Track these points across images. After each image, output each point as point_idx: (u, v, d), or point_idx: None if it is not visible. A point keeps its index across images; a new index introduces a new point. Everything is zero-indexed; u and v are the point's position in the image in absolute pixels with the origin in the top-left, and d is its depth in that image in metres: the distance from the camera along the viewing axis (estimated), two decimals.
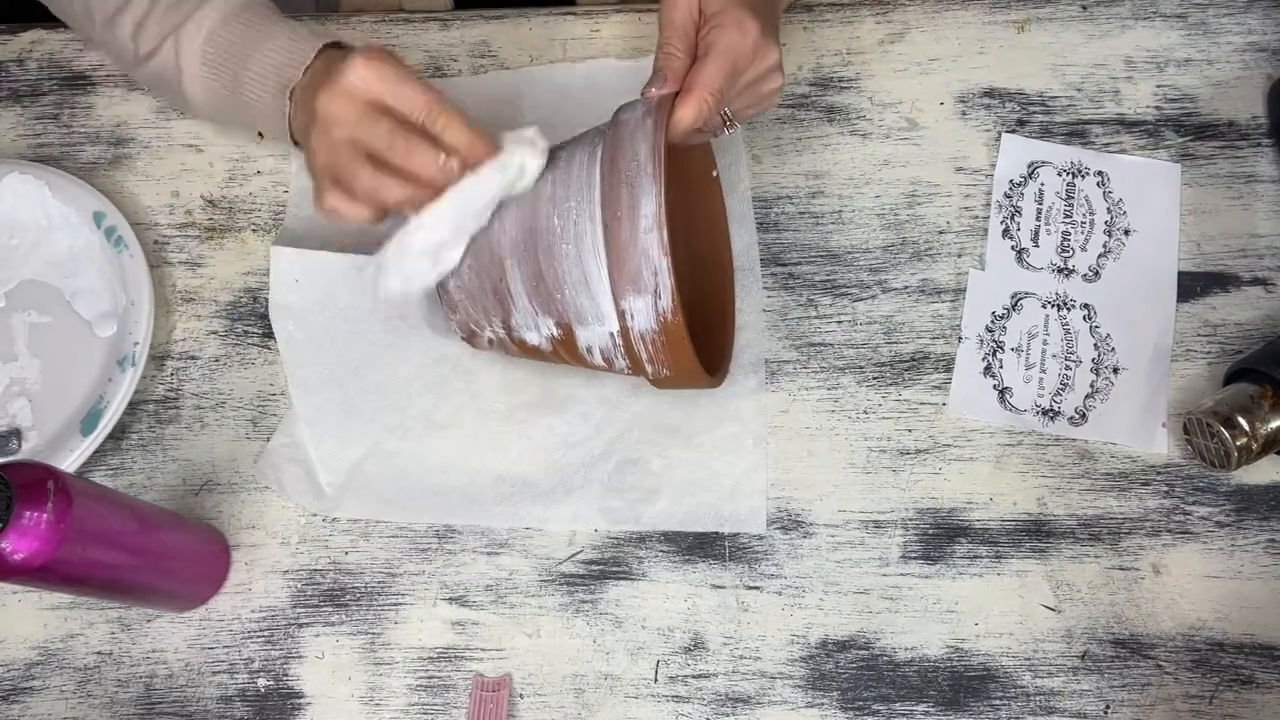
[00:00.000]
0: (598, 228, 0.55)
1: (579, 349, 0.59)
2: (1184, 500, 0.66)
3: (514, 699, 0.64)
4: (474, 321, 0.62)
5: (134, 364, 0.67)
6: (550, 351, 0.61)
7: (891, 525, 0.66)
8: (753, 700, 0.63)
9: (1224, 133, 0.73)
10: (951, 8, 0.76)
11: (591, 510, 0.66)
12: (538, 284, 0.58)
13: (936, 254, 0.71)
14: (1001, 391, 0.69)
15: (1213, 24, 0.75)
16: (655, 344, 0.56)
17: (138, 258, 0.70)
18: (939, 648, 0.64)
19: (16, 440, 0.68)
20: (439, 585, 0.66)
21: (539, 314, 0.59)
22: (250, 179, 0.74)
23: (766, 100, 0.62)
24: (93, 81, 0.76)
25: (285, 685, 0.64)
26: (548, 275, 0.57)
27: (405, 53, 0.76)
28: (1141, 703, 0.63)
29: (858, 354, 0.70)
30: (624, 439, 0.67)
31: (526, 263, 0.58)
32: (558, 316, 0.58)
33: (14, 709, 0.64)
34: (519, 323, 0.60)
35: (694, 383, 0.61)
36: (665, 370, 0.58)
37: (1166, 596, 0.65)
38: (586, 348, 0.59)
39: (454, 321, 0.63)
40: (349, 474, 0.67)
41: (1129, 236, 0.71)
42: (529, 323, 0.59)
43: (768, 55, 0.59)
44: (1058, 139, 0.73)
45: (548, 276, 0.57)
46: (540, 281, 0.57)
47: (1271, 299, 0.70)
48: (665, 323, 0.55)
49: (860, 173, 0.73)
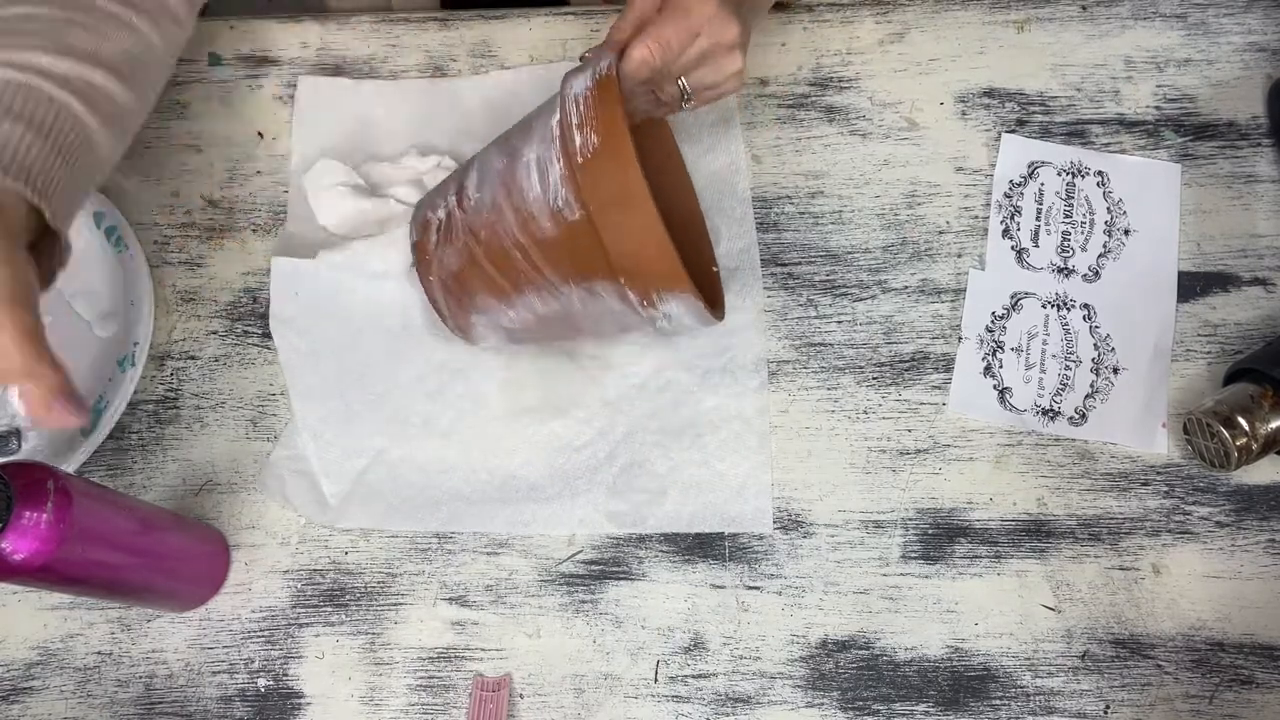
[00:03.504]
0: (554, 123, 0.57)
1: (518, 174, 0.58)
2: (1184, 500, 0.66)
3: (514, 699, 0.64)
4: (429, 207, 0.63)
5: (134, 364, 0.67)
6: (491, 204, 0.59)
7: (891, 525, 0.66)
8: (753, 700, 0.63)
9: (1224, 133, 0.73)
10: (951, 8, 0.76)
11: (598, 514, 0.66)
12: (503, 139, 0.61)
13: (936, 254, 0.71)
14: (1001, 391, 0.69)
15: (1213, 24, 0.75)
16: (586, 103, 0.55)
17: (138, 258, 0.70)
18: (939, 648, 0.64)
19: (16, 440, 0.68)
20: (439, 585, 0.66)
21: (490, 155, 0.60)
22: (250, 179, 0.74)
23: (726, 81, 0.62)
24: None
25: (285, 685, 0.64)
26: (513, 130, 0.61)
27: (405, 53, 0.77)
28: (1141, 703, 0.63)
29: (858, 354, 0.70)
30: (628, 441, 0.67)
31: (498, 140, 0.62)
32: (507, 146, 0.59)
33: (14, 709, 0.64)
34: (471, 182, 0.61)
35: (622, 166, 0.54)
36: (593, 136, 0.55)
37: (1166, 596, 0.65)
38: (526, 163, 0.57)
39: (414, 222, 0.64)
40: (353, 483, 0.67)
41: (1129, 236, 0.71)
42: (480, 172, 0.60)
43: (726, 26, 0.59)
44: (1058, 139, 0.73)
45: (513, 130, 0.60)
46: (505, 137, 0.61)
47: (1271, 299, 0.70)
48: (599, 79, 0.56)
49: (860, 173, 0.73)
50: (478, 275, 0.61)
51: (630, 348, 0.69)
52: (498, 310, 0.62)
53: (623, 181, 0.54)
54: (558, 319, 0.61)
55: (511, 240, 0.58)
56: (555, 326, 0.63)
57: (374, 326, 0.69)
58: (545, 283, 0.59)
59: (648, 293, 0.57)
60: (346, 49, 0.77)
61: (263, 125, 0.75)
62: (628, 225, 0.55)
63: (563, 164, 0.56)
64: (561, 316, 0.61)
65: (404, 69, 0.76)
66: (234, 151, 0.75)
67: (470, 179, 0.61)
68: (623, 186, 0.54)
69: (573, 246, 0.57)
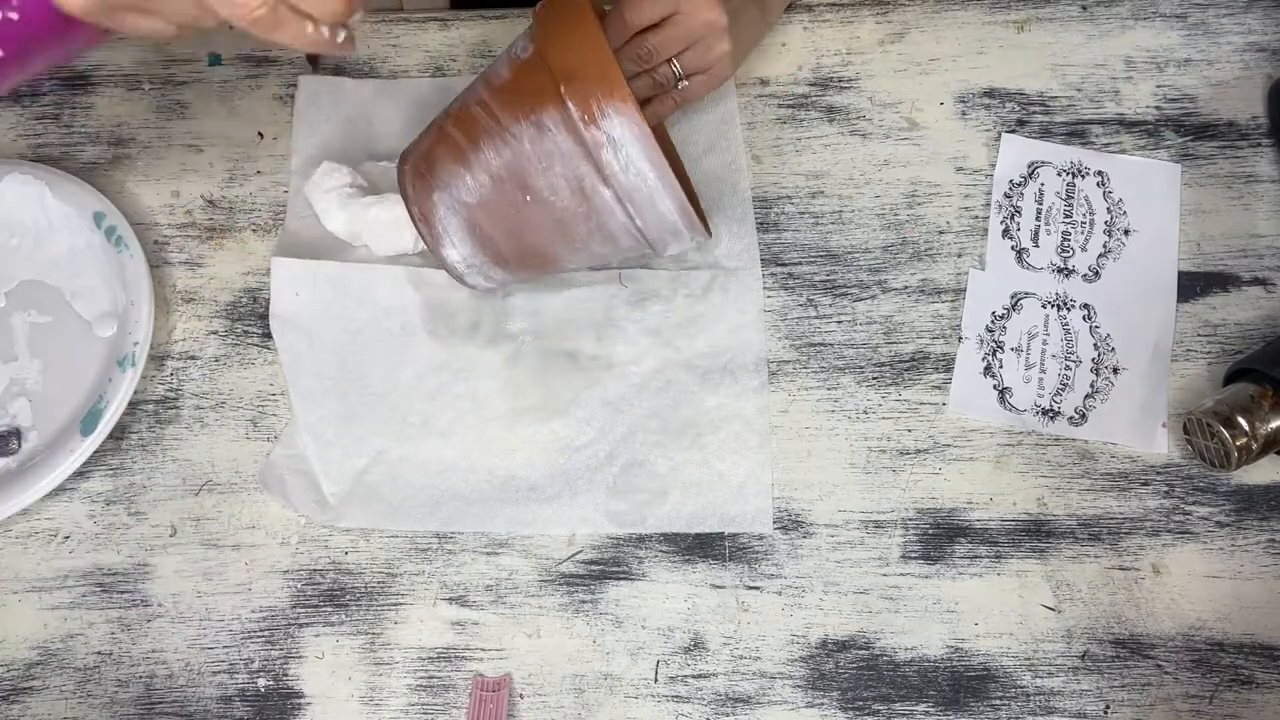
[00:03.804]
0: None
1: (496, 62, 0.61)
2: (1184, 500, 0.66)
3: (514, 699, 0.64)
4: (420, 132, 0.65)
5: (134, 364, 0.67)
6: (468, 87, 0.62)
7: (891, 525, 0.66)
8: (753, 700, 0.63)
9: (1224, 133, 0.73)
10: (951, 8, 0.76)
11: (598, 514, 0.66)
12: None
13: (936, 254, 0.71)
14: (1001, 391, 0.69)
15: (1213, 24, 0.75)
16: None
17: (138, 258, 0.70)
18: (939, 648, 0.64)
19: (16, 440, 0.68)
20: (439, 585, 0.66)
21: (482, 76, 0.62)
22: (250, 179, 0.74)
23: (714, 67, 0.65)
24: (93, 81, 0.76)
25: (285, 685, 0.64)
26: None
27: (405, 53, 0.77)
28: (1141, 703, 0.63)
29: (857, 354, 0.70)
30: (628, 441, 0.67)
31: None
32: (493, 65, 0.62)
33: (14, 709, 0.64)
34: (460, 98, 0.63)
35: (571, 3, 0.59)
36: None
37: (1166, 596, 0.65)
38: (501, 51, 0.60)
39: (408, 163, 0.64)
40: (353, 483, 0.67)
41: (1129, 236, 0.71)
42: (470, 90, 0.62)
43: (710, 8, 0.62)
44: (1058, 139, 0.73)
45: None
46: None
47: (1271, 299, 0.70)
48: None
49: (860, 173, 0.73)
50: (443, 144, 0.62)
51: (631, 347, 0.69)
52: (457, 179, 0.61)
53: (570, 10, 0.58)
54: (513, 179, 0.60)
55: (475, 99, 0.61)
56: (511, 192, 0.61)
57: (374, 327, 0.69)
58: (498, 128, 0.60)
59: (588, 104, 0.57)
60: None
61: (263, 125, 0.75)
62: (570, 38, 0.58)
63: (528, 28, 0.60)
64: (516, 174, 0.60)
65: (404, 69, 0.76)
66: (234, 151, 0.75)
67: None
68: (570, 13, 0.58)
69: (524, 82, 0.59)
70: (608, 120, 0.57)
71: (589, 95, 0.57)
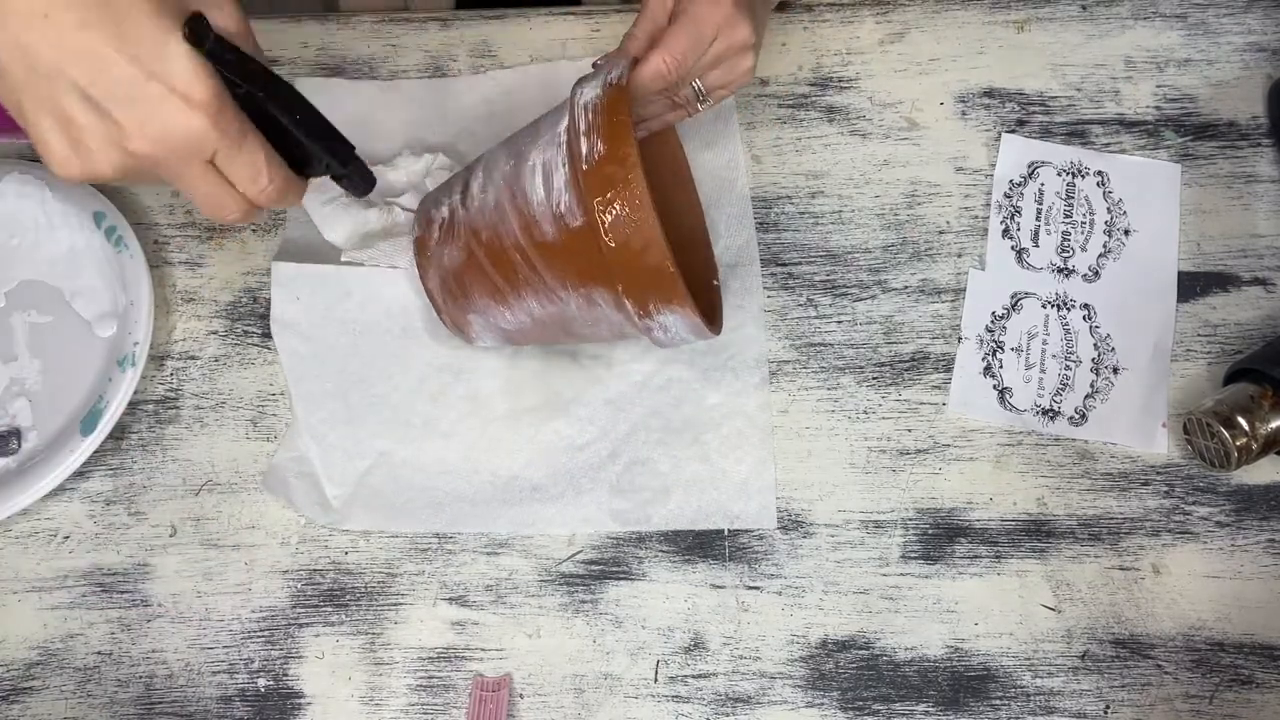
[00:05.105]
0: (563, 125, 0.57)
1: (523, 178, 0.57)
2: (1184, 500, 0.66)
3: (514, 699, 0.64)
4: (433, 204, 0.63)
5: (134, 364, 0.67)
6: (494, 205, 0.59)
7: (891, 525, 0.66)
8: (753, 700, 0.63)
9: (1224, 133, 0.73)
10: (951, 8, 0.76)
11: (601, 513, 0.66)
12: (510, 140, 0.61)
13: (936, 254, 0.71)
14: (1001, 391, 0.69)
15: (1213, 24, 0.75)
16: (595, 110, 0.55)
17: (138, 258, 0.70)
18: (939, 648, 0.64)
19: (16, 440, 0.68)
20: (439, 585, 0.66)
21: (497, 156, 0.60)
22: None
23: (739, 80, 0.63)
24: None
25: (285, 685, 0.64)
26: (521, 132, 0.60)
27: (405, 53, 0.77)
28: (1141, 703, 0.63)
29: (857, 354, 0.70)
30: (631, 440, 0.67)
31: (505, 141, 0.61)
32: (513, 148, 0.59)
33: (14, 709, 0.64)
34: (476, 181, 0.60)
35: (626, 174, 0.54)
36: (599, 144, 0.54)
37: (1166, 596, 0.65)
38: (531, 166, 0.57)
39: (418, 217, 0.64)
40: (356, 486, 0.67)
41: (1129, 236, 0.71)
42: (485, 172, 0.60)
43: (738, 28, 0.60)
44: (1058, 139, 0.73)
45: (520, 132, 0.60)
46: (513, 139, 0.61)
47: (1271, 299, 0.70)
48: (610, 86, 0.55)
49: (860, 173, 0.73)
50: (477, 275, 0.60)
51: (632, 346, 0.69)
52: (495, 311, 0.62)
53: (627, 190, 0.54)
54: (555, 323, 0.61)
55: (513, 242, 0.58)
56: (552, 330, 0.62)
57: (375, 330, 0.69)
58: (544, 286, 0.59)
59: (645, 304, 0.57)
60: (347, 49, 0.77)
61: None
62: (629, 235, 0.55)
63: (568, 169, 0.56)
64: (559, 321, 0.61)
65: (404, 69, 0.76)
66: None
67: (475, 179, 0.61)
68: (626, 196, 0.54)
69: (573, 252, 0.57)
70: (662, 315, 0.58)
71: (648, 299, 0.57)
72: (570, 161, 0.55)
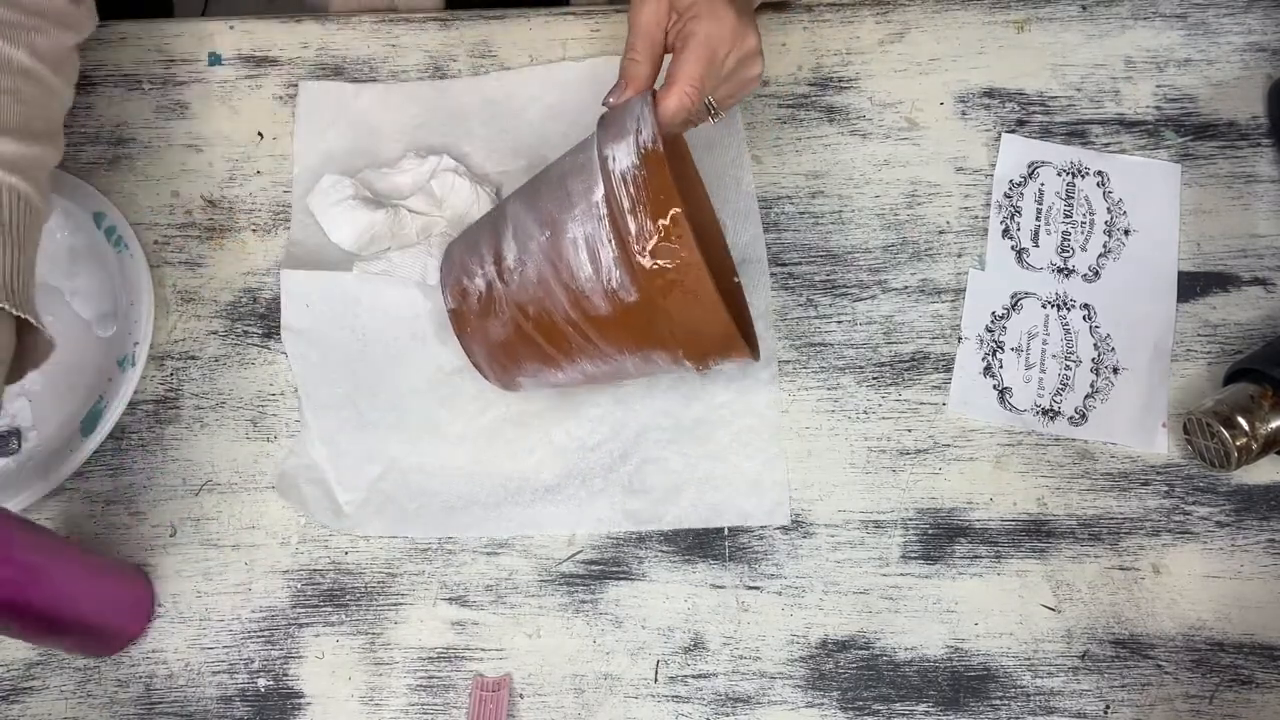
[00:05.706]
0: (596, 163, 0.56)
1: (565, 252, 0.56)
2: (1184, 500, 0.66)
3: (514, 699, 0.64)
4: (463, 271, 0.61)
5: (134, 364, 0.67)
6: (537, 280, 0.58)
7: (891, 525, 0.66)
8: (753, 700, 0.63)
9: (1224, 133, 0.73)
10: (951, 8, 0.76)
11: (615, 513, 0.66)
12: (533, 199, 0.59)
13: (936, 254, 0.71)
14: (1001, 391, 0.69)
15: (1213, 24, 0.75)
16: (636, 182, 0.54)
17: (138, 258, 0.70)
18: (939, 648, 0.64)
19: (16, 440, 0.68)
20: (439, 585, 0.66)
21: (529, 223, 0.58)
22: (250, 179, 0.74)
23: (748, 86, 0.63)
24: (93, 81, 0.76)
25: (285, 685, 0.64)
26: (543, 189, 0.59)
27: (405, 53, 0.77)
28: (1141, 703, 0.63)
29: (858, 354, 0.70)
30: (642, 439, 0.67)
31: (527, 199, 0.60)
32: (543, 213, 0.58)
33: (14, 709, 0.64)
34: (508, 250, 0.59)
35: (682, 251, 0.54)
36: (648, 223, 0.54)
37: (1166, 596, 0.65)
38: (572, 240, 0.56)
39: (446, 285, 0.62)
40: (368, 491, 0.67)
41: (1129, 236, 0.71)
42: (518, 241, 0.58)
43: (746, 39, 0.60)
44: (1058, 139, 0.73)
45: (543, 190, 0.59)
46: (536, 197, 0.59)
47: (1271, 299, 0.70)
48: (646, 154, 0.54)
49: (860, 173, 0.73)
50: (528, 346, 0.60)
51: None
52: (547, 374, 0.62)
53: (685, 269, 0.54)
54: (608, 376, 0.62)
55: (563, 316, 0.58)
56: (604, 380, 0.63)
57: (385, 336, 0.69)
58: (599, 352, 0.59)
59: (704, 360, 0.59)
60: (347, 49, 0.77)
61: (263, 125, 0.75)
62: (687, 307, 0.55)
63: (615, 247, 0.55)
64: (612, 374, 0.62)
65: (404, 69, 0.76)
66: (234, 151, 0.75)
67: (507, 247, 0.59)
68: (683, 271, 0.54)
69: (628, 324, 0.57)
70: (719, 365, 0.60)
71: (708, 357, 0.59)
72: (619, 240, 0.55)
